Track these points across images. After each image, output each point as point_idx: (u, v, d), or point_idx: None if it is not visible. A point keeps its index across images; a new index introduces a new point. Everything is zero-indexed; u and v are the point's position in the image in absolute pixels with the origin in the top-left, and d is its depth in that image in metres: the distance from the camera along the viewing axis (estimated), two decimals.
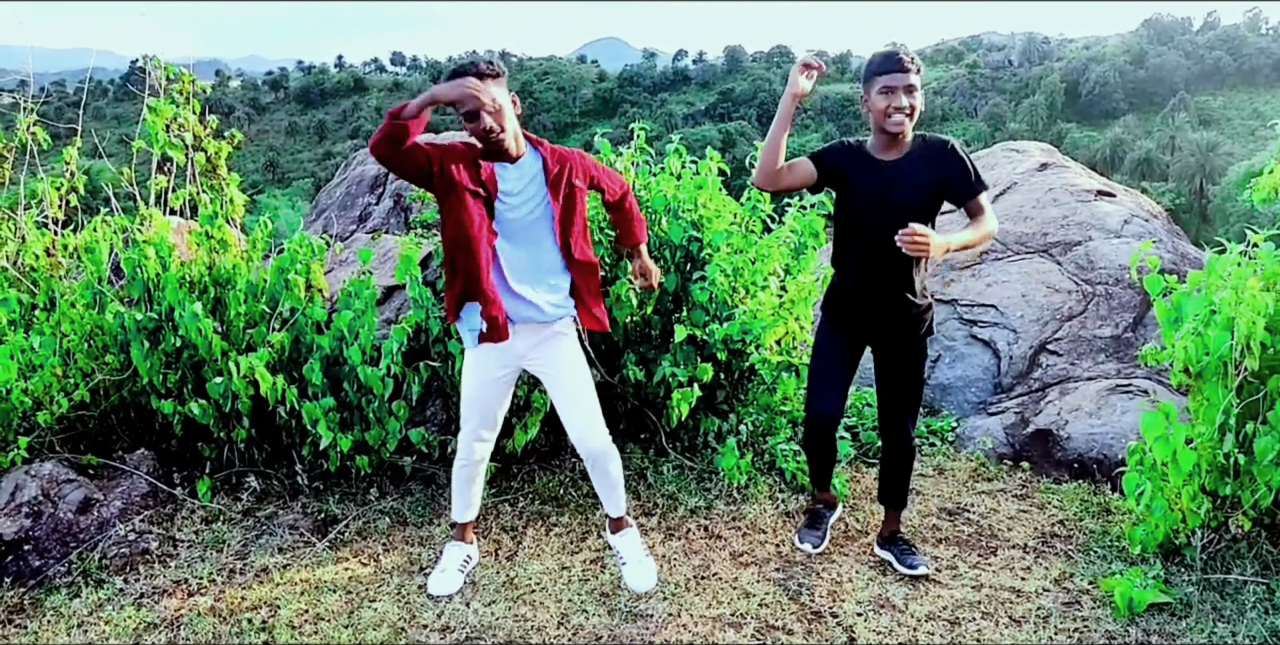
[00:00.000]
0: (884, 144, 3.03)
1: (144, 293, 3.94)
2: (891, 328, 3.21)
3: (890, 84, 2.90)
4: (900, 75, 2.90)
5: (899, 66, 2.90)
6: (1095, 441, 4.26)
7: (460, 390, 3.27)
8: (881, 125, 2.95)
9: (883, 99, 2.92)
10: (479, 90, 2.72)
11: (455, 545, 3.44)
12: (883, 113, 2.92)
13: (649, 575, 3.25)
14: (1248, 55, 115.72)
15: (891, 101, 2.90)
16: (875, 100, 2.94)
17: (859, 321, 3.24)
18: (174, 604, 3.22)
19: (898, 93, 2.90)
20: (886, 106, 2.91)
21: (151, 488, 3.84)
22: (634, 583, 3.23)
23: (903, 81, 2.90)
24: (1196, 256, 5.65)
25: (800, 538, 3.53)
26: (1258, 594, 3.11)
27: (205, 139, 4.20)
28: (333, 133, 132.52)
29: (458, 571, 3.35)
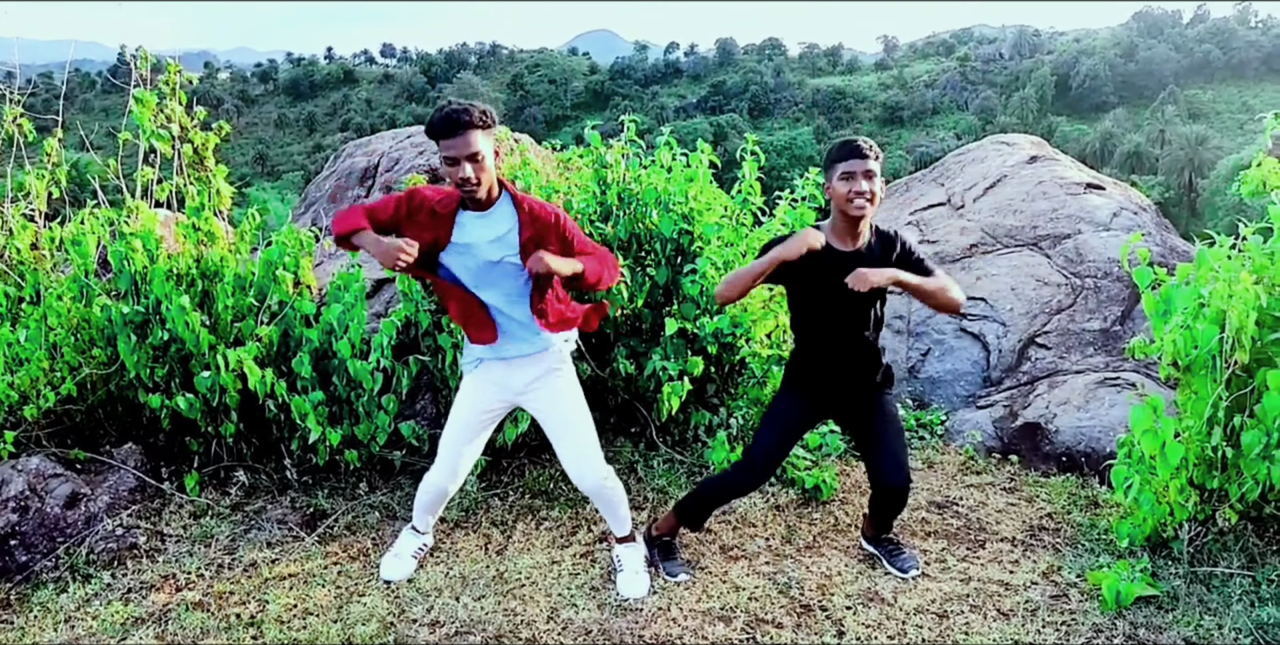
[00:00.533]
0: (844, 231, 3.04)
1: (131, 286, 3.91)
2: (857, 398, 3.22)
3: (850, 170, 2.94)
4: (859, 161, 2.93)
5: (858, 153, 2.95)
6: (1083, 435, 4.28)
7: (454, 397, 3.24)
8: (844, 210, 2.97)
9: (844, 184, 2.95)
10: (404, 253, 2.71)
11: (413, 533, 3.45)
12: (844, 197, 2.95)
13: (641, 587, 3.24)
14: (1237, 49, 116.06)
15: (852, 187, 2.93)
16: (836, 186, 2.97)
17: (822, 395, 3.23)
18: (162, 598, 3.21)
19: (857, 178, 2.93)
20: (848, 192, 2.93)
21: (139, 482, 3.82)
22: (625, 590, 3.23)
23: (861, 167, 2.93)
24: (1185, 250, 5.67)
25: (672, 572, 3.36)
26: (1244, 586, 3.13)
27: (192, 130, 4.16)
28: (322, 125, 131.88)
29: (411, 557, 3.40)
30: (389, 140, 6.91)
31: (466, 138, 2.71)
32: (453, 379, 4.00)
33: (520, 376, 3.10)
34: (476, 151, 2.73)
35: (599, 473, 3.16)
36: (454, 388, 4.01)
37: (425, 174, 6.33)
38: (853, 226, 3.02)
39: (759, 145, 4.38)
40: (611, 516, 3.35)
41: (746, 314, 4.07)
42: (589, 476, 3.15)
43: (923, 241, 6.10)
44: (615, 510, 3.32)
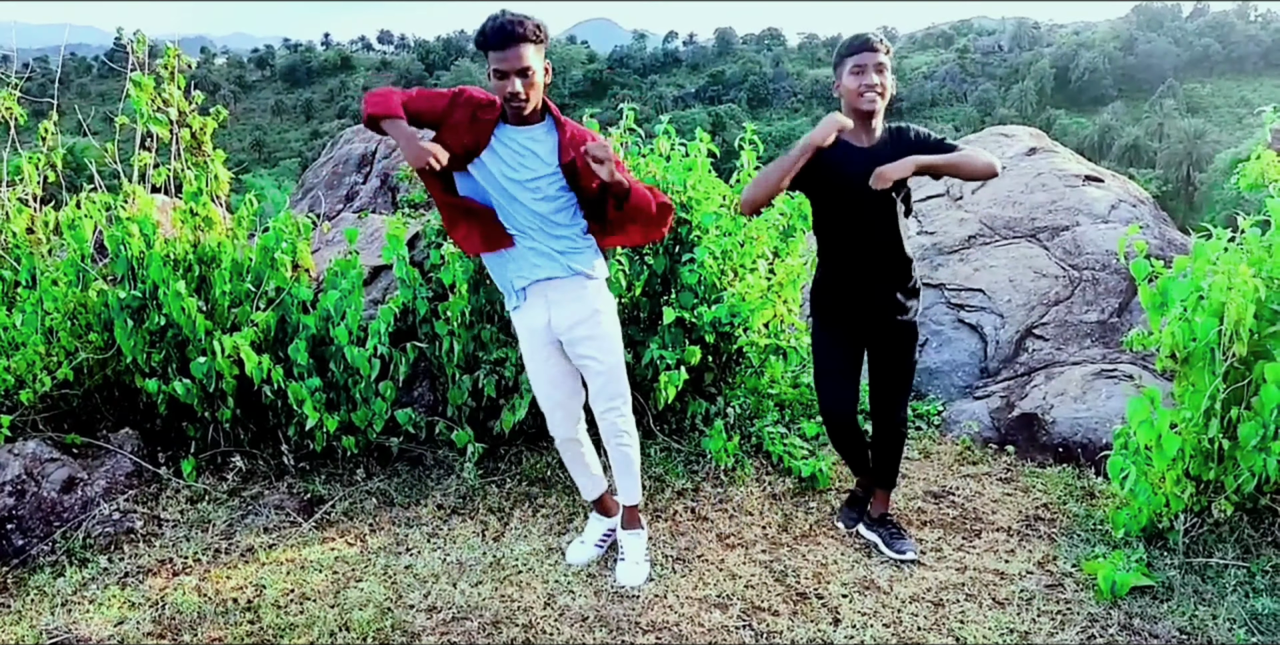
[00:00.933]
0: (858, 127, 3.01)
1: (128, 271, 3.90)
2: (883, 316, 3.21)
3: (860, 63, 2.92)
4: (870, 54, 2.92)
5: (868, 46, 2.93)
6: (1080, 426, 4.29)
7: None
8: (855, 105, 2.95)
9: (854, 79, 2.93)
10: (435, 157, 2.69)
11: (596, 518, 3.45)
12: (855, 92, 2.93)
13: (639, 576, 3.24)
14: (1236, 43, 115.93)
15: (863, 80, 2.91)
16: (847, 81, 2.96)
17: (851, 316, 3.23)
18: (159, 583, 3.21)
19: (868, 71, 2.91)
20: (858, 85, 2.92)
21: (136, 467, 3.82)
22: (623, 578, 3.23)
23: (872, 60, 2.91)
24: (1183, 243, 5.67)
25: (839, 516, 3.62)
26: (1238, 577, 3.14)
27: (190, 115, 4.14)
28: (319, 111, 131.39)
29: (595, 546, 3.39)
30: None
31: (519, 51, 2.67)
32: (450, 366, 3.99)
33: (564, 314, 3.04)
34: (528, 66, 2.70)
35: (625, 416, 3.17)
36: (451, 375, 4.01)
37: None
38: (866, 122, 3.00)
39: (757, 135, 4.38)
40: (625, 477, 3.30)
41: (744, 304, 4.07)
42: (614, 418, 3.15)
43: (921, 232, 6.10)
44: (631, 468, 3.28)
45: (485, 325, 4.03)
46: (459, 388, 3.99)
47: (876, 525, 3.49)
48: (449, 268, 3.89)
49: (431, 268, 4.17)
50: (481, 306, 4.03)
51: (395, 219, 4.39)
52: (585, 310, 3.06)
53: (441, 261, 3.95)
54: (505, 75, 2.70)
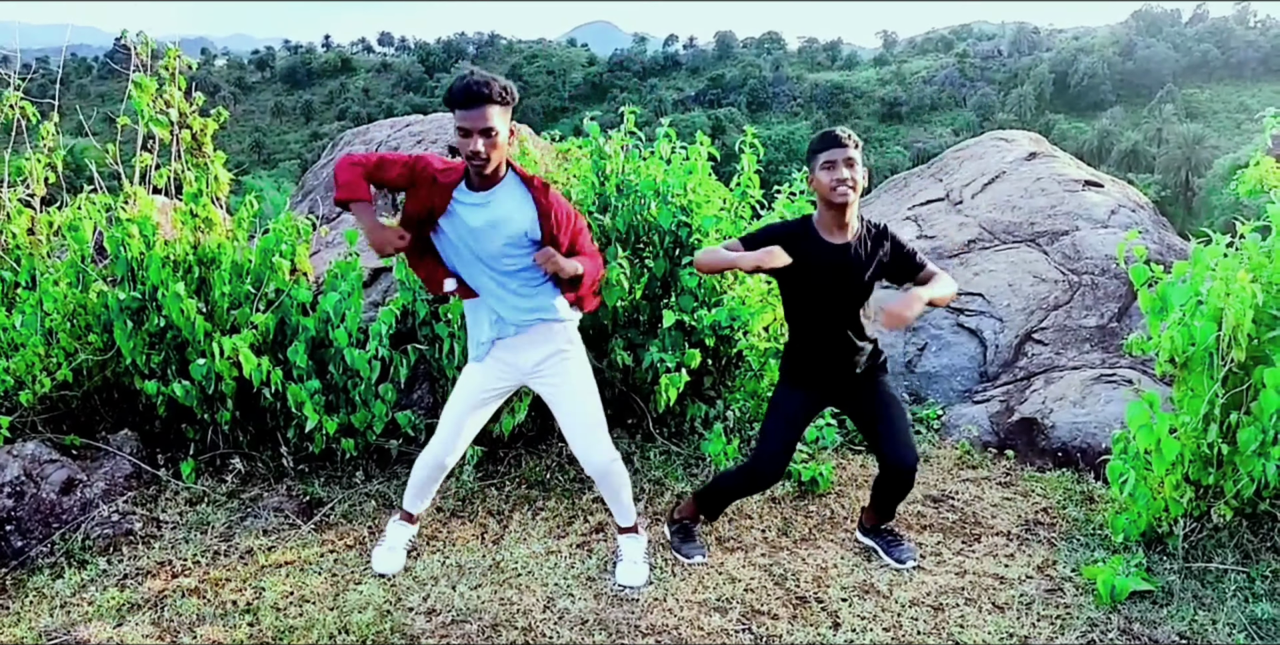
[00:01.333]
0: (832, 221, 3.05)
1: (127, 272, 3.90)
2: (855, 385, 3.22)
3: (831, 158, 2.97)
4: (839, 150, 2.97)
5: (837, 142, 2.98)
6: (1079, 430, 4.29)
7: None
8: (829, 198, 2.99)
9: (825, 174, 2.98)
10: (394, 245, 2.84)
11: (400, 524, 3.43)
12: (827, 187, 2.97)
13: (639, 577, 3.24)
14: (1235, 48, 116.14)
15: (834, 175, 2.96)
16: (819, 176, 3.00)
17: (819, 386, 3.25)
18: (158, 585, 3.21)
19: (839, 166, 2.95)
20: (830, 180, 2.96)
21: (135, 469, 3.81)
22: (623, 578, 3.24)
23: (842, 155, 2.96)
24: (1182, 248, 5.68)
25: (688, 554, 3.40)
26: (1238, 582, 3.14)
27: (191, 116, 4.14)
28: (319, 113, 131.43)
29: (403, 549, 3.39)
30: (387, 129, 6.89)
31: (483, 111, 2.71)
32: (450, 368, 3.99)
33: (530, 356, 3.09)
34: (491, 126, 2.73)
35: (606, 455, 3.17)
36: (451, 378, 4.01)
37: None
38: (840, 216, 3.03)
39: (757, 139, 4.38)
40: (615, 504, 3.34)
41: (744, 307, 4.07)
42: (596, 458, 3.16)
43: (921, 237, 6.10)
44: (619, 496, 3.30)
45: None
46: None
47: (874, 534, 3.48)
48: None
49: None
50: None
51: (395, 221, 4.39)
52: (551, 348, 3.09)
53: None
54: (469, 133, 2.74)
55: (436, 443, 3.22)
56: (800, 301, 3.15)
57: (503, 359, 3.11)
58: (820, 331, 3.15)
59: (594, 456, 3.16)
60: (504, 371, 3.13)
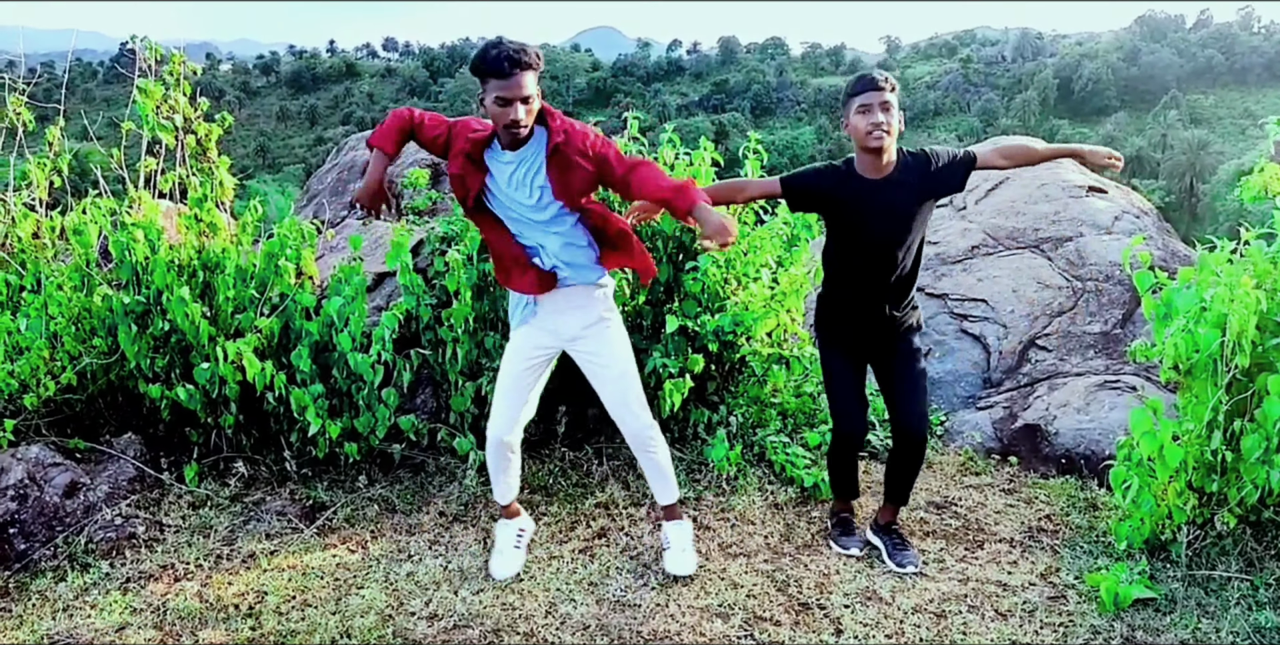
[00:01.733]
0: (869, 164, 3.08)
1: (132, 276, 3.91)
2: (884, 332, 3.26)
3: (866, 102, 2.97)
4: (875, 93, 2.97)
5: (873, 85, 2.98)
6: (1083, 437, 4.28)
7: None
8: (864, 143, 3.01)
9: (861, 118, 2.99)
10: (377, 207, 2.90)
11: (503, 523, 3.44)
12: (863, 131, 2.98)
13: (688, 565, 3.27)
14: (1240, 54, 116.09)
15: (869, 119, 2.96)
16: (854, 120, 3.02)
17: (853, 337, 3.29)
18: (160, 589, 3.21)
19: (874, 110, 2.96)
20: (865, 124, 2.97)
21: (139, 472, 3.82)
22: (671, 567, 3.27)
23: (878, 99, 2.97)
24: (1186, 254, 5.67)
25: (844, 545, 3.51)
26: (1242, 590, 3.13)
27: (196, 121, 4.16)
28: (324, 118, 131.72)
29: (514, 549, 3.37)
30: None
31: (520, 79, 2.70)
32: (453, 373, 4.00)
33: (570, 322, 3.11)
34: (530, 94, 2.73)
35: (641, 420, 3.18)
36: (454, 382, 4.02)
37: (427, 168, 6.32)
38: (877, 159, 3.05)
39: (761, 144, 4.39)
40: (658, 478, 3.32)
41: (748, 313, 4.07)
42: (632, 423, 3.17)
43: (925, 243, 6.09)
44: (660, 468, 3.29)
45: (488, 332, 4.04)
46: (462, 395, 4.00)
47: (882, 533, 3.49)
48: (453, 274, 3.90)
49: (435, 274, 4.19)
50: (485, 313, 4.04)
51: (400, 226, 4.40)
52: (592, 316, 3.11)
53: (445, 268, 3.96)
54: (509, 102, 2.73)
55: (492, 422, 3.22)
56: (844, 241, 3.17)
57: (544, 325, 3.12)
58: (859, 273, 3.17)
59: (629, 422, 3.17)
60: (545, 337, 3.14)
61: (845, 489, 3.59)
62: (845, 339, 3.31)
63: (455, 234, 4.32)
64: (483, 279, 4.00)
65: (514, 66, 2.68)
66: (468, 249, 4.00)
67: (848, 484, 3.57)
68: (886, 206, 3.07)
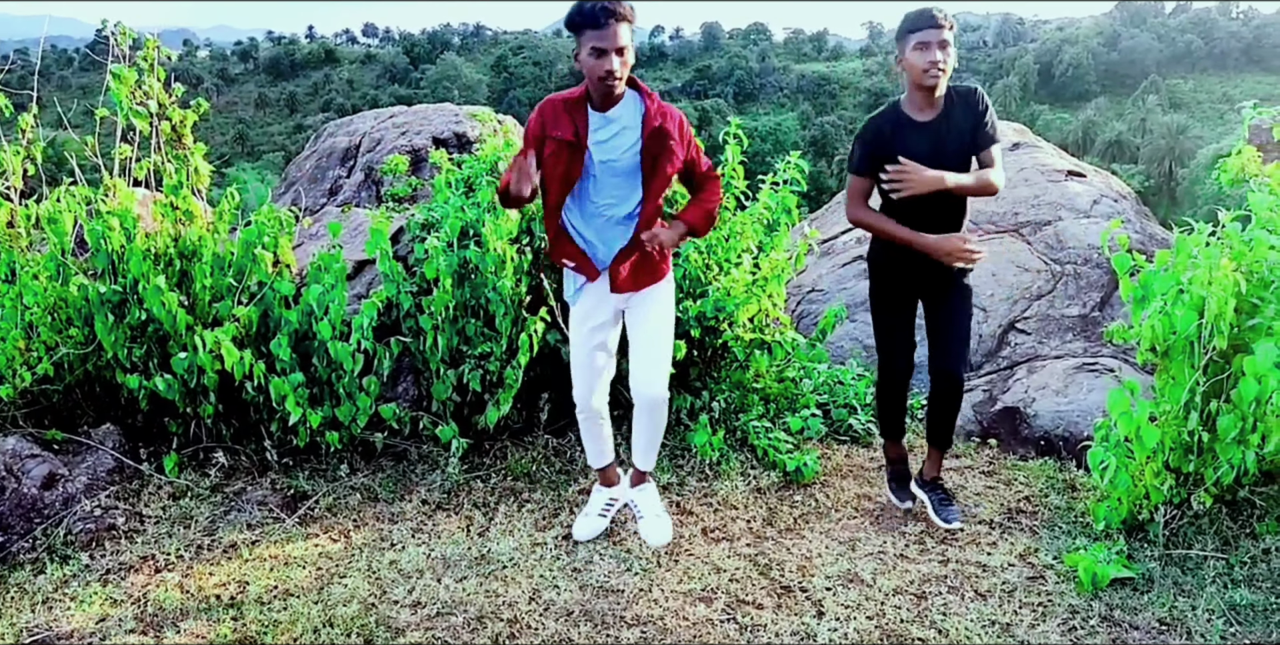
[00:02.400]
0: (921, 102, 3.09)
1: (108, 265, 3.86)
2: (938, 277, 3.30)
3: (925, 40, 2.97)
4: (934, 31, 2.96)
5: (933, 22, 2.96)
6: (1062, 419, 4.32)
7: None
8: (919, 81, 3.01)
9: (918, 55, 2.98)
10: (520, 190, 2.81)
11: (599, 490, 3.51)
12: (919, 69, 2.98)
13: (665, 530, 3.34)
14: (1219, 39, 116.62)
15: (927, 57, 2.96)
16: (910, 57, 3.00)
17: (908, 278, 3.34)
18: (141, 580, 3.19)
19: (932, 48, 2.96)
20: (923, 62, 2.97)
21: (117, 463, 3.79)
22: (650, 536, 3.33)
23: (937, 37, 2.96)
24: (1164, 237, 5.72)
25: (900, 498, 3.64)
26: (1218, 569, 3.17)
27: (171, 107, 4.10)
28: (304, 105, 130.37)
29: (599, 516, 3.43)
30: (370, 120, 6.85)
31: (616, 30, 2.74)
32: (434, 361, 3.98)
33: None
34: (624, 45, 2.77)
35: (663, 388, 3.23)
36: (436, 370, 4.00)
37: (407, 155, 6.27)
38: (929, 96, 3.06)
39: (744, 130, 4.37)
40: (646, 443, 3.39)
41: (730, 298, 4.07)
42: (654, 390, 3.20)
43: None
44: (655, 435, 3.36)
45: (470, 319, 4.02)
46: (443, 382, 3.98)
47: (929, 488, 3.56)
48: (433, 262, 3.87)
49: (415, 262, 4.16)
50: (466, 300, 4.02)
51: (379, 213, 4.38)
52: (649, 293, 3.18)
53: (425, 255, 3.94)
54: (604, 53, 2.76)
55: (575, 390, 3.29)
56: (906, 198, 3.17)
57: (599, 293, 3.16)
58: (914, 212, 3.16)
59: (652, 384, 3.20)
60: (601, 303, 3.17)
61: (893, 428, 3.67)
62: (899, 279, 3.34)
63: (435, 221, 4.30)
64: (463, 266, 3.98)
65: (608, 16, 2.73)
66: (448, 236, 3.98)
67: (895, 423, 3.65)
68: (936, 148, 3.08)
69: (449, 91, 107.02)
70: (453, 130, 6.50)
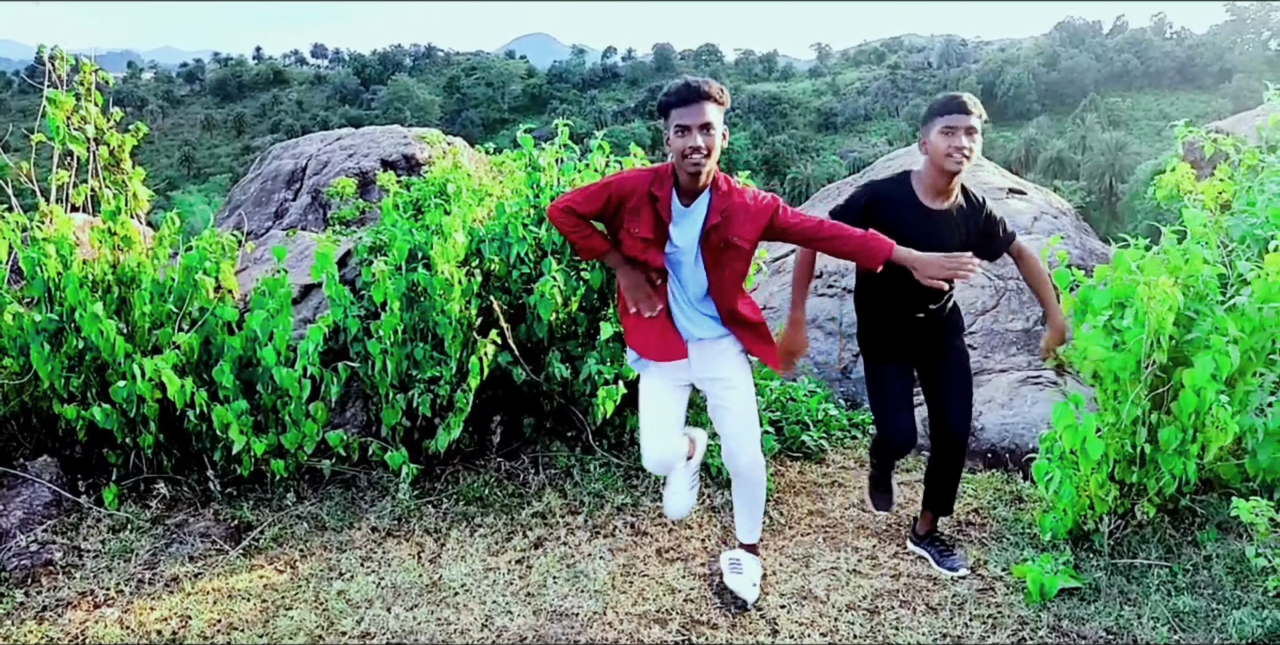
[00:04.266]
0: (936, 188, 3.07)
1: (44, 293, 3.77)
2: (933, 336, 3.27)
3: (952, 124, 2.96)
4: (963, 116, 2.95)
5: (962, 108, 2.96)
6: (1007, 432, 4.39)
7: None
8: (941, 165, 2.99)
9: (943, 140, 2.96)
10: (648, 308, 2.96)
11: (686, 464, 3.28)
12: (943, 153, 2.96)
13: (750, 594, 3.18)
14: (1154, 58, 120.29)
15: (952, 142, 2.94)
16: (935, 140, 2.98)
17: (901, 343, 3.29)
18: (79, 616, 3.09)
19: (959, 134, 2.94)
20: (948, 147, 2.95)
21: (55, 496, 3.68)
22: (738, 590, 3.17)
23: (964, 123, 2.95)
24: (1104, 252, 5.86)
25: (872, 503, 3.64)
26: (1161, 577, 3.23)
27: (108, 132, 4.03)
28: (252, 126, 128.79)
29: (689, 490, 3.26)
30: (317, 142, 6.79)
31: (703, 107, 2.72)
32: (383, 385, 3.93)
33: (703, 367, 3.07)
34: (709, 121, 2.73)
35: (751, 453, 3.09)
36: (385, 394, 3.94)
37: (355, 177, 6.22)
38: (946, 182, 3.04)
39: None
40: (747, 515, 3.24)
41: None
42: (745, 456, 3.08)
43: None
44: (754, 507, 3.22)
45: (419, 343, 3.98)
46: (393, 407, 3.93)
47: (926, 542, 3.50)
48: (380, 285, 3.83)
49: (363, 285, 4.12)
50: (415, 324, 3.98)
51: (326, 236, 4.32)
52: (726, 362, 3.07)
53: (373, 279, 3.90)
54: (688, 129, 2.73)
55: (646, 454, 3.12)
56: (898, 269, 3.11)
57: (674, 367, 3.07)
58: (900, 298, 3.15)
59: (744, 455, 3.08)
60: (673, 374, 3.09)
61: (884, 482, 3.62)
62: (893, 347, 3.29)
63: (383, 243, 4.26)
64: (412, 289, 3.94)
65: (695, 94, 2.72)
66: (396, 259, 3.94)
67: (887, 478, 3.62)
68: (936, 238, 3.04)
69: (401, 112, 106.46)
70: (401, 152, 6.46)
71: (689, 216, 2.89)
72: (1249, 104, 10.05)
